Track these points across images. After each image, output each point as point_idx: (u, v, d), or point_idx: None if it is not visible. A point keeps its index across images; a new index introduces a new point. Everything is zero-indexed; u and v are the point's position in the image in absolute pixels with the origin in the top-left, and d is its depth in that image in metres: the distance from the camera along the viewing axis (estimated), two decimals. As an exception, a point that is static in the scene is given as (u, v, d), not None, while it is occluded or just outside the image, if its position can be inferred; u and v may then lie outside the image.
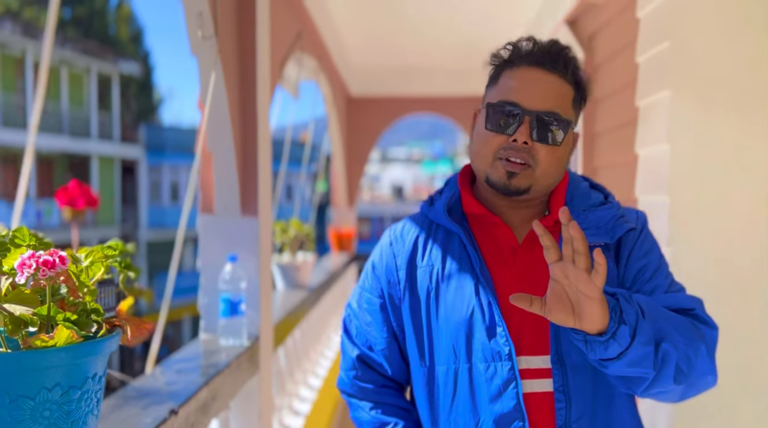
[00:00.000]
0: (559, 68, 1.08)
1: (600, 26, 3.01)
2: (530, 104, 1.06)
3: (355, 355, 1.24)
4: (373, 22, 4.50)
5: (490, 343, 1.07)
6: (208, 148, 2.09)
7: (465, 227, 1.16)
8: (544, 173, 1.07)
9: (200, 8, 1.86)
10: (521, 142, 1.05)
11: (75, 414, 0.98)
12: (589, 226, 1.09)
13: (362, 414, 1.22)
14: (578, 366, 1.06)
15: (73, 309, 1.05)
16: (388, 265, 1.21)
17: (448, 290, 1.13)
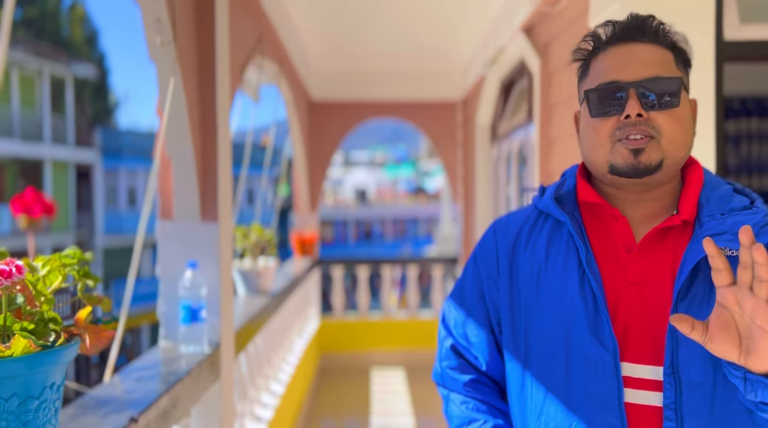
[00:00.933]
0: (649, 35, 1.01)
1: (555, 34, 3.10)
2: (630, 76, 0.98)
3: (449, 345, 1.20)
4: (334, 28, 4.53)
5: (593, 343, 0.98)
6: (167, 153, 2.08)
7: (575, 217, 1.07)
8: (671, 142, 0.97)
9: (158, 14, 1.86)
10: (634, 116, 0.97)
11: (32, 424, 0.98)
12: (726, 231, 0.96)
13: (453, 408, 1.17)
14: (697, 384, 0.94)
15: (30, 319, 1.04)
16: (490, 254, 1.15)
17: (550, 281, 1.05)
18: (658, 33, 1.01)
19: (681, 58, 1.03)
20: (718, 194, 1.02)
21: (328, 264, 6.37)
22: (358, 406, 4.86)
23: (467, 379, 1.17)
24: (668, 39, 1.02)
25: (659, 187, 1.02)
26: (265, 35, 3.46)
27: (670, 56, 1.01)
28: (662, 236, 1.01)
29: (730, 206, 0.99)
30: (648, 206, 1.03)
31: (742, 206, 1.00)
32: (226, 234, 2.24)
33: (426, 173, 46.22)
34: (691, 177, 1.03)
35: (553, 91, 3.17)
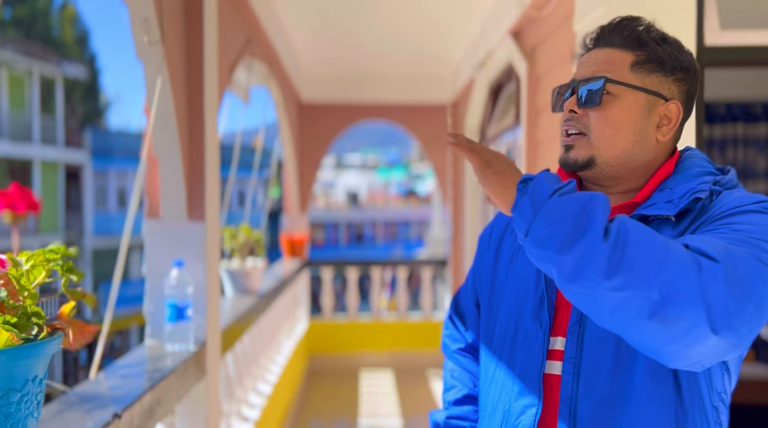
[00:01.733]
0: (614, 41, 1.04)
1: (541, 38, 3.14)
2: (579, 75, 1.05)
3: (448, 315, 1.33)
4: (324, 30, 4.55)
5: (531, 319, 1.07)
6: (154, 152, 2.09)
7: None
8: (598, 139, 1.01)
9: (146, 14, 1.87)
10: (567, 111, 1.04)
11: (14, 416, 0.98)
12: (658, 201, 0.99)
13: (444, 373, 1.31)
14: (599, 339, 0.98)
15: (13, 312, 1.05)
16: (486, 237, 1.26)
17: (519, 264, 1.13)
18: (624, 38, 1.03)
19: (647, 58, 1.02)
20: (684, 174, 1.02)
21: (317, 266, 6.38)
22: (347, 407, 4.87)
23: (456, 348, 1.30)
24: (633, 42, 1.03)
25: (619, 183, 1.05)
26: (255, 36, 3.48)
27: (627, 58, 1.02)
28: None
29: (682, 182, 1.00)
30: (613, 199, 1.06)
31: (696, 182, 0.98)
32: (212, 233, 2.25)
33: (418, 176, 46.29)
34: (661, 169, 1.05)
35: (539, 94, 3.20)
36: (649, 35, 1.04)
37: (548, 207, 0.85)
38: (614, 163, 1.02)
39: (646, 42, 1.03)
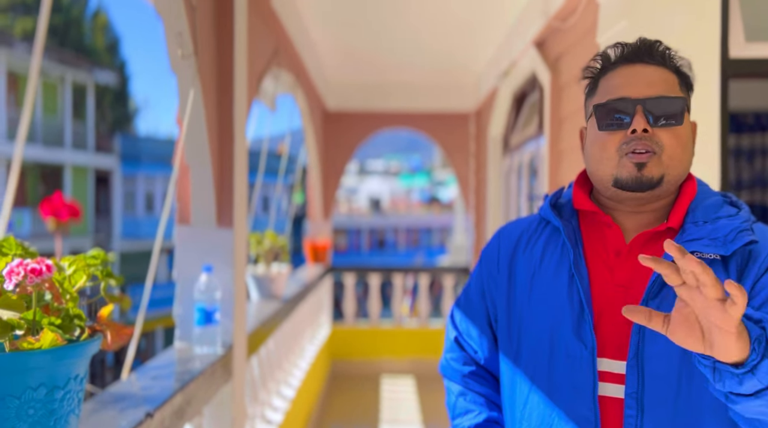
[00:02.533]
0: (656, 59, 1.07)
1: (565, 49, 3.16)
2: (638, 93, 1.04)
3: (453, 337, 1.29)
4: (349, 39, 4.62)
5: (574, 340, 1.05)
6: (186, 161, 2.16)
7: (571, 222, 1.14)
8: (671, 157, 1.03)
9: (180, 28, 1.94)
10: (641, 130, 1.02)
11: (58, 412, 1.05)
12: (703, 236, 1.01)
13: (452, 398, 1.26)
14: (660, 376, 0.99)
15: (56, 314, 1.12)
16: (493, 256, 1.23)
17: (543, 282, 1.12)
18: (665, 56, 1.07)
19: (684, 82, 1.09)
20: (707, 203, 1.07)
21: (340, 272, 6.44)
22: (368, 413, 4.90)
23: (467, 371, 1.25)
24: (673, 63, 1.08)
25: (656, 201, 1.08)
26: (282, 46, 3.56)
27: (674, 79, 1.07)
28: (651, 242, 1.07)
29: (716, 214, 1.05)
30: (642, 217, 1.09)
31: (726, 214, 1.04)
32: (240, 240, 2.31)
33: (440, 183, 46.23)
34: (684, 190, 1.09)
35: (563, 104, 3.22)
36: (677, 56, 1.09)
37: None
38: (675, 181, 1.05)
39: (678, 63, 1.08)
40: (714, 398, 0.98)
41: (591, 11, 2.63)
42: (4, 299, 1.05)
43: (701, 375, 0.96)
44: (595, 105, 1.07)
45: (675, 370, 0.99)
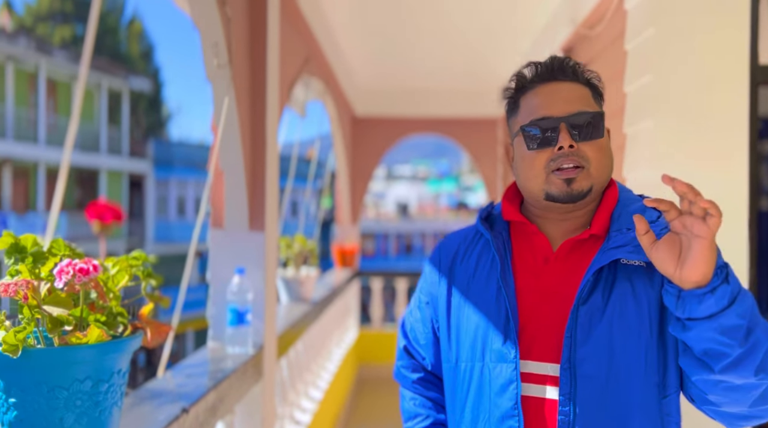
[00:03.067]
0: (568, 75, 1.14)
1: (593, 56, 3.16)
2: (559, 112, 1.10)
3: (402, 346, 1.36)
4: (378, 46, 4.68)
5: (501, 346, 1.12)
6: (220, 166, 2.24)
7: (501, 234, 1.20)
8: (597, 168, 1.10)
9: (216, 38, 2.02)
10: (567, 147, 1.08)
11: (102, 404, 1.11)
12: (627, 243, 1.08)
13: (404, 403, 1.34)
14: (590, 377, 1.06)
15: (101, 312, 1.19)
16: (434, 267, 1.30)
17: (475, 292, 1.18)
18: (576, 72, 1.14)
19: (596, 93, 1.16)
20: (630, 209, 1.13)
21: (367, 276, 6.49)
22: (395, 418, 4.93)
23: (416, 377, 1.33)
24: (584, 77, 1.15)
25: (582, 208, 1.15)
26: (313, 54, 3.63)
27: (587, 92, 1.14)
28: (576, 249, 1.14)
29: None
30: (568, 225, 1.16)
31: (648, 220, 1.10)
32: (271, 243, 2.38)
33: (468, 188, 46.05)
34: (607, 196, 1.16)
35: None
36: (588, 71, 1.17)
37: (740, 300, 0.95)
38: (600, 189, 1.13)
39: (589, 77, 1.16)
40: (640, 396, 1.06)
41: (619, 19, 2.64)
42: (54, 296, 1.12)
43: (627, 375, 1.06)
44: (522, 126, 1.14)
45: (604, 371, 1.06)
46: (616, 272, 1.09)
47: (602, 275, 1.09)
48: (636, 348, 1.06)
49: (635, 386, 1.06)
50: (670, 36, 2.10)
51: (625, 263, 1.08)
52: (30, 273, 1.14)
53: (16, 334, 1.02)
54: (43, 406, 1.05)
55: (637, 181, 2.23)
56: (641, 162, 2.20)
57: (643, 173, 2.17)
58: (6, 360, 1.02)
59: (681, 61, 2.09)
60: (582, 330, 1.07)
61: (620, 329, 1.07)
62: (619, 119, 2.58)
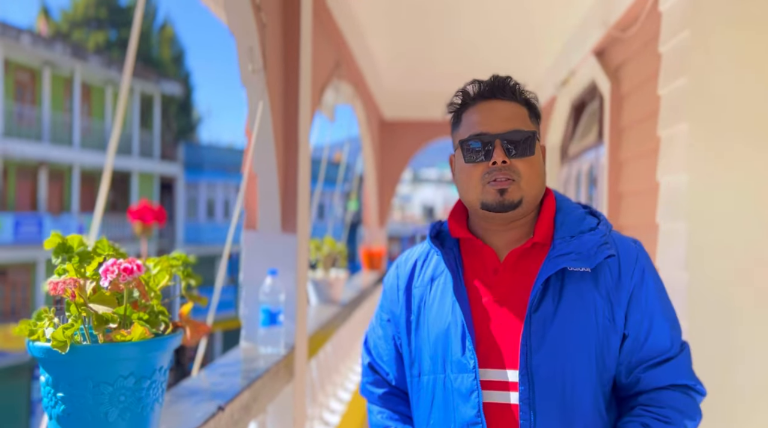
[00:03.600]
0: (507, 94, 1.23)
1: (626, 58, 3.13)
2: (495, 129, 1.19)
3: (367, 363, 1.40)
4: (407, 49, 4.69)
5: (460, 357, 1.17)
6: (254, 170, 2.27)
7: (452, 249, 1.28)
8: (528, 183, 1.18)
9: (251, 44, 2.06)
10: (500, 162, 1.17)
11: (145, 400, 1.14)
12: (571, 251, 1.16)
13: (372, 417, 1.38)
14: (547, 380, 1.13)
15: (143, 311, 1.22)
16: (392, 287, 1.36)
17: (432, 308, 1.25)
18: (515, 92, 1.23)
19: (533, 113, 1.25)
20: (571, 217, 1.22)
21: (395, 279, 6.49)
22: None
23: (381, 392, 1.37)
24: (523, 97, 1.24)
25: (520, 218, 1.22)
26: (343, 59, 3.66)
27: (525, 111, 1.23)
28: (522, 258, 1.22)
29: (579, 228, 1.20)
30: (511, 235, 1.24)
31: (588, 227, 1.20)
32: (303, 245, 2.41)
33: (495, 192, 45.67)
34: (545, 207, 1.25)
35: (624, 114, 3.19)
36: (526, 91, 1.26)
37: None
38: (534, 201, 1.21)
39: (528, 97, 1.25)
40: (592, 395, 1.15)
41: (653, 21, 2.61)
42: (99, 295, 1.15)
43: (581, 377, 1.13)
44: (460, 141, 1.23)
45: (559, 375, 1.13)
46: (564, 279, 1.16)
47: (551, 283, 1.16)
48: (587, 350, 1.14)
49: (588, 387, 1.14)
50: (707, 37, 2.08)
51: (572, 270, 1.16)
52: (76, 272, 1.17)
53: (64, 331, 1.06)
54: (90, 401, 1.09)
55: (672, 185, 2.21)
56: (676, 166, 2.17)
57: (678, 177, 2.15)
58: (55, 355, 1.06)
59: (718, 63, 2.06)
60: (536, 337, 1.14)
61: (571, 333, 1.14)
62: (653, 121, 2.55)
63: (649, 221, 2.50)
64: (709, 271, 2.03)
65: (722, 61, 2.06)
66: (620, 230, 3.14)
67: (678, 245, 2.10)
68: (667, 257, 2.20)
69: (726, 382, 1.97)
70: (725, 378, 1.98)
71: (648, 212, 2.61)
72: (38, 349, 1.08)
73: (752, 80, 2.05)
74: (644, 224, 2.73)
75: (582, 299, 1.15)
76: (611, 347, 1.16)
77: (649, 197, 2.63)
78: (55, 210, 18.48)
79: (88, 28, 26.37)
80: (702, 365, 1.93)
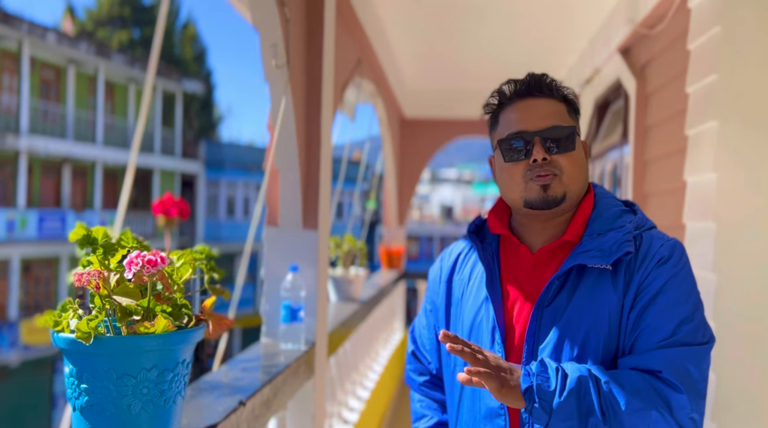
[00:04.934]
0: (544, 91, 1.23)
1: (652, 56, 3.08)
2: (534, 126, 1.19)
3: (411, 350, 1.45)
4: (429, 47, 4.67)
5: (489, 348, 1.21)
6: (276, 166, 2.27)
7: (491, 246, 1.30)
8: (570, 177, 1.19)
9: (275, 40, 2.06)
10: (540, 159, 1.18)
11: (167, 393, 1.14)
12: (593, 248, 1.15)
13: (413, 404, 1.43)
14: None
15: (167, 303, 1.22)
16: (435, 278, 1.40)
17: (468, 301, 1.28)
18: (552, 88, 1.23)
19: (572, 108, 1.25)
20: (605, 215, 1.22)
21: (414, 278, 6.48)
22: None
23: (422, 380, 1.42)
24: (560, 93, 1.24)
25: (560, 216, 1.23)
26: (365, 56, 3.66)
27: (563, 107, 1.23)
28: (554, 256, 1.22)
29: (609, 226, 1.19)
30: (549, 233, 1.24)
31: (619, 226, 1.19)
32: (324, 241, 2.40)
33: (514, 192, 45.41)
34: (583, 204, 1.24)
35: (649, 113, 3.14)
36: (563, 87, 1.26)
37: (558, 410, 1.04)
38: (576, 197, 1.21)
39: (566, 93, 1.25)
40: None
41: (681, 17, 2.57)
42: (123, 287, 1.16)
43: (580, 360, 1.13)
44: (499, 140, 1.23)
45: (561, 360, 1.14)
46: (582, 276, 1.17)
47: (569, 279, 1.17)
48: (593, 346, 1.13)
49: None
50: (737, 34, 2.03)
51: (591, 267, 1.16)
52: (100, 264, 1.18)
53: (88, 322, 1.06)
54: (113, 392, 1.09)
55: (699, 184, 2.16)
56: (704, 165, 2.13)
57: (706, 177, 2.10)
58: (79, 346, 1.06)
59: (749, 61, 2.01)
60: (544, 331, 1.16)
61: (577, 329, 1.14)
62: (681, 120, 2.51)
63: (676, 222, 2.46)
64: (737, 272, 1.98)
65: (753, 58, 2.02)
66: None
67: (706, 246, 2.06)
68: (694, 258, 2.15)
69: (752, 384, 1.93)
70: (752, 380, 1.93)
71: (674, 213, 2.56)
72: (63, 340, 1.08)
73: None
74: (670, 225, 2.69)
75: (594, 296, 1.15)
76: (624, 342, 1.15)
77: (675, 197, 2.58)
78: (78, 207, 18.75)
79: (112, 26, 26.72)
80: (728, 367, 1.89)
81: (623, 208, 1.24)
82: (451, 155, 62.63)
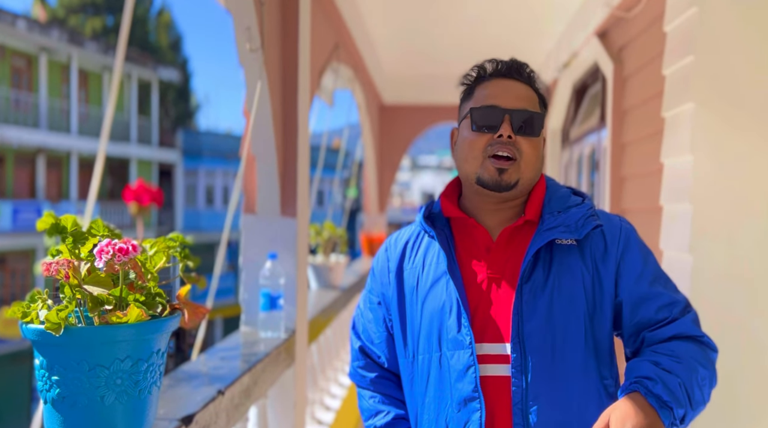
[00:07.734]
0: (524, 77, 1.27)
1: (629, 39, 3.08)
2: (508, 104, 1.22)
3: (358, 347, 1.40)
4: (407, 32, 4.63)
5: (456, 334, 1.19)
6: (252, 152, 2.24)
7: (443, 230, 1.29)
8: (527, 164, 1.21)
9: (249, 23, 2.01)
10: (506, 136, 1.19)
11: (142, 383, 1.12)
12: (559, 224, 1.20)
13: (363, 402, 1.38)
14: (539, 347, 1.16)
15: (140, 292, 1.19)
16: (383, 269, 1.37)
17: (426, 287, 1.26)
18: (530, 77, 1.28)
19: (542, 101, 1.29)
20: (557, 195, 1.26)
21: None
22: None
23: (373, 376, 1.38)
24: (535, 84, 1.28)
25: (513, 199, 1.26)
26: (342, 41, 3.61)
27: (536, 97, 1.27)
28: (514, 236, 1.25)
29: (566, 204, 1.24)
30: (503, 214, 1.27)
31: (575, 203, 1.24)
32: (303, 229, 2.38)
33: (495, 178, 45.69)
34: (537, 187, 1.28)
35: (627, 96, 3.15)
36: (538, 79, 1.30)
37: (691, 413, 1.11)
38: (529, 184, 1.24)
39: (540, 87, 1.29)
40: (582, 362, 1.17)
41: (658, 0, 2.57)
42: (94, 276, 1.12)
43: (570, 344, 1.17)
44: (472, 108, 1.25)
45: (549, 342, 1.17)
46: (552, 251, 1.20)
47: (540, 256, 1.20)
48: (576, 318, 1.17)
49: (578, 354, 1.17)
50: (714, 14, 2.03)
51: (560, 243, 1.20)
52: (70, 253, 1.15)
53: (58, 312, 1.03)
54: (85, 384, 1.06)
55: (676, 166, 2.18)
56: (680, 147, 2.14)
57: (683, 159, 2.11)
58: (49, 338, 1.03)
59: (726, 41, 2.02)
60: (527, 307, 1.17)
61: (560, 301, 1.17)
62: (658, 103, 2.52)
63: (653, 205, 2.47)
64: (713, 253, 2.00)
65: (729, 39, 2.02)
66: (623, 213, 3.11)
67: (682, 227, 2.07)
68: (671, 239, 2.17)
69: (728, 362, 1.95)
70: (728, 360, 1.96)
71: (651, 195, 2.58)
72: (32, 331, 1.05)
73: (759, 59, 2.01)
74: (647, 208, 2.71)
75: (570, 270, 1.19)
76: (604, 313, 1.20)
77: (653, 179, 2.60)
78: (54, 197, 18.42)
79: (84, 13, 26.15)
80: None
81: (569, 190, 1.30)
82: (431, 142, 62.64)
